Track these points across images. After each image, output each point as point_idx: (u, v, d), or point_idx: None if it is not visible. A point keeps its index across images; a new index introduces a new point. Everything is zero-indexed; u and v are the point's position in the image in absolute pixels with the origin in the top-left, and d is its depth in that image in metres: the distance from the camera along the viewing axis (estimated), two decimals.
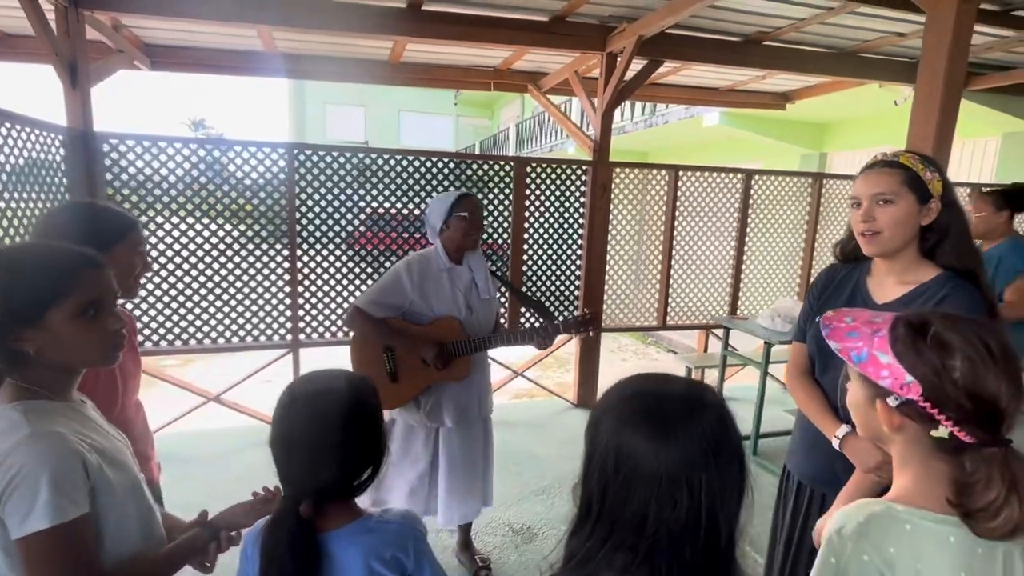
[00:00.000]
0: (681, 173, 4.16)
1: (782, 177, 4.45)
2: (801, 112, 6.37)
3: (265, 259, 3.40)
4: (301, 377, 0.98)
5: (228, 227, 3.32)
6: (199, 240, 3.26)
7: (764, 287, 4.57)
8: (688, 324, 4.40)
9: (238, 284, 3.36)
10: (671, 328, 4.35)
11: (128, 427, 1.37)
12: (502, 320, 3.93)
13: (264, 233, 3.40)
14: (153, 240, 3.19)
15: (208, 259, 3.29)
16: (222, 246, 3.31)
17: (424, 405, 2.03)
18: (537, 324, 2.08)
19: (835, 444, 1.32)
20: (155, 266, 3.20)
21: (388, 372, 2.01)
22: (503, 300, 3.97)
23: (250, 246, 3.36)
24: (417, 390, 2.00)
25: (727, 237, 4.39)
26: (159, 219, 3.22)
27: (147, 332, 3.25)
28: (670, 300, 4.32)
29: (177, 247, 3.23)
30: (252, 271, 3.38)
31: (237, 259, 3.34)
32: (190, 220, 3.25)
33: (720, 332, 4.46)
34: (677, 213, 4.20)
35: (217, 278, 3.32)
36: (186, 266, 3.26)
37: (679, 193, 4.18)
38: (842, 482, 1.33)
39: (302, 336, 3.52)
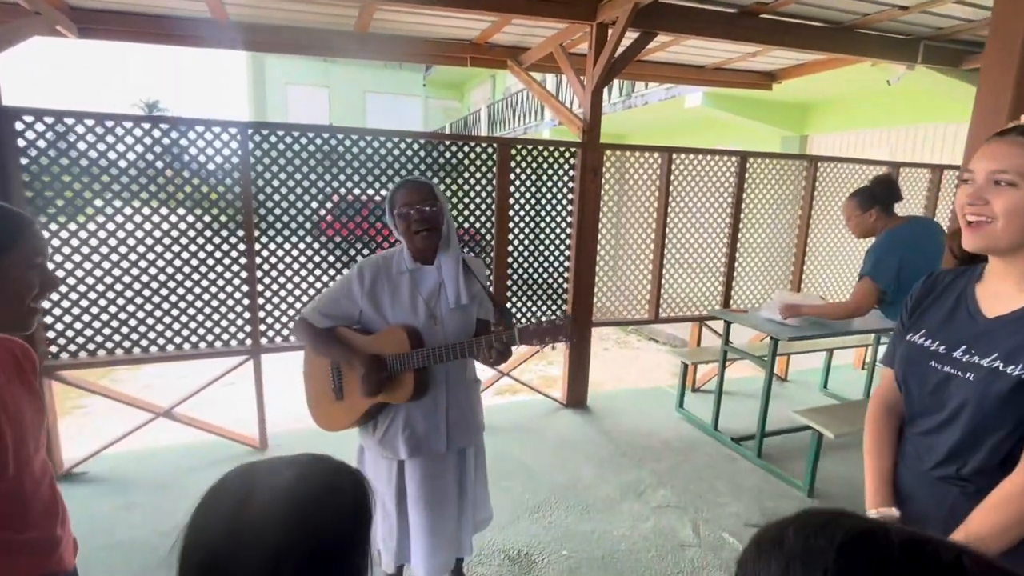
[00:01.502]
0: (675, 156, 3.89)
1: (776, 160, 4.23)
2: (784, 93, 6.18)
3: (219, 254, 2.98)
4: (231, 481, 0.62)
5: (174, 218, 2.89)
6: (139, 234, 2.83)
7: (758, 277, 4.37)
8: (682, 316, 4.17)
9: (187, 284, 2.94)
10: (664, 321, 4.12)
11: (27, 503, 0.98)
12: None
13: (216, 225, 2.98)
14: (83, 235, 2.74)
15: (152, 255, 2.86)
16: (167, 240, 2.88)
17: (379, 430, 1.71)
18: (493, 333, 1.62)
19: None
20: (87, 265, 2.76)
21: (334, 388, 1.75)
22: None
23: (200, 240, 2.94)
24: (362, 409, 1.69)
25: (720, 224, 4.16)
26: (89, 210, 2.77)
27: (81, 340, 2.82)
28: (662, 291, 4.07)
29: (113, 242, 2.79)
30: (204, 268, 2.96)
31: (186, 255, 2.92)
32: (127, 211, 2.81)
33: (712, 323, 4.29)
34: (669, 199, 3.94)
35: (163, 276, 2.89)
36: (125, 264, 2.82)
37: (672, 177, 3.92)
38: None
39: (264, 340, 3.13)
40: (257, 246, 3.05)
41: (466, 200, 3.48)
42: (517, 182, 3.57)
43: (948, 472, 1.04)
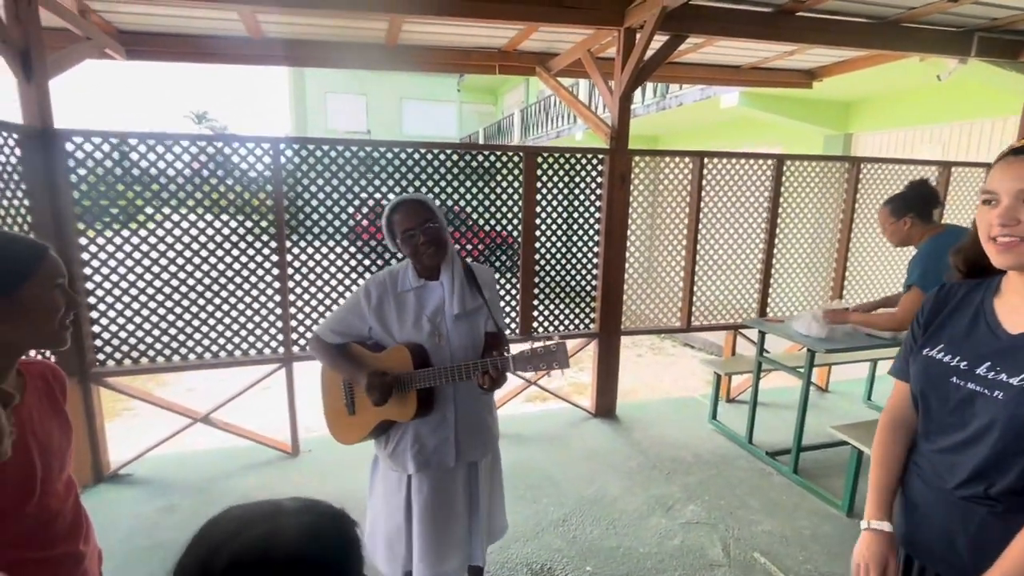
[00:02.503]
0: (707, 160, 3.79)
1: (815, 162, 4.06)
2: (826, 90, 5.94)
3: (252, 265, 3.08)
4: (212, 527, 0.61)
5: (211, 232, 2.99)
6: (179, 247, 2.94)
7: (796, 285, 4.22)
8: (715, 325, 4.06)
9: (223, 293, 3.05)
10: (696, 329, 4.02)
11: (51, 523, 1.02)
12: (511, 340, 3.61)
13: (250, 237, 3.08)
14: (128, 248, 2.88)
15: (190, 267, 2.97)
16: (204, 252, 2.99)
17: (388, 444, 1.74)
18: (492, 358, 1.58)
19: (861, 525, 1.16)
20: (131, 277, 2.89)
21: (346, 403, 1.78)
22: (514, 308, 3.64)
23: (235, 252, 3.04)
24: (372, 424, 1.72)
25: (756, 230, 4.03)
26: (133, 224, 2.91)
27: (125, 348, 2.96)
28: (695, 299, 3.97)
29: (155, 255, 2.92)
30: (239, 279, 3.06)
31: (222, 266, 3.02)
32: (168, 225, 2.94)
33: (747, 331, 4.16)
34: (702, 204, 3.85)
35: (200, 288, 3.01)
36: (166, 276, 2.94)
37: (704, 182, 3.82)
38: (965, 562, 1.02)
39: (296, 348, 3.22)
40: (289, 257, 3.14)
41: (493, 209, 3.48)
42: (544, 190, 3.55)
43: (974, 492, 1.00)
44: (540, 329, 3.73)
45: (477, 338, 1.72)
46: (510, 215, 3.53)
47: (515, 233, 3.56)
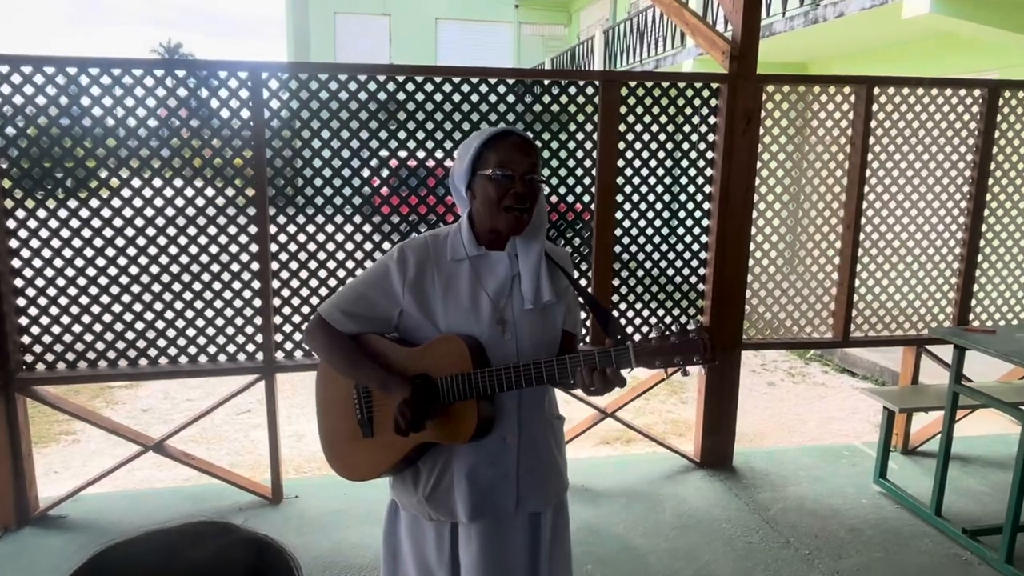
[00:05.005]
0: (878, 90, 3.65)
1: None
2: None
3: (224, 239, 3.21)
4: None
5: (169, 192, 3.14)
6: (128, 213, 3.11)
7: (1018, 279, 4.02)
8: (886, 338, 3.94)
9: (184, 278, 3.20)
10: (857, 343, 3.92)
11: None
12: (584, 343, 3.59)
13: (220, 201, 3.21)
14: (63, 213, 3.07)
15: (142, 241, 3.14)
16: (161, 221, 3.15)
17: (424, 483, 1.71)
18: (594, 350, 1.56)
19: None
20: (68, 252, 3.08)
21: (360, 421, 1.74)
22: (584, 307, 3.62)
23: (201, 220, 3.19)
24: (402, 451, 1.68)
25: (954, 194, 3.86)
26: (70, 182, 3.10)
27: (59, 348, 3.15)
28: (856, 298, 3.85)
29: (97, 223, 3.09)
30: (205, 257, 3.20)
31: (183, 240, 3.18)
32: (113, 183, 3.11)
33: (936, 348, 3.98)
34: (870, 156, 3.71)
35: (155, 269, 3.17)
36: (112, 251, 3.12)
37: (873, 124, 3.68)
38: None
39: (280, 355, 3.32)
40: (274, 229, 3.24)
41: (561, 168, 3.48)
42: (630, 136, 3.51)
43: None
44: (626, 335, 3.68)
45: (553, 335, 1.73)
46: (580, 172, 3.51)
47: (585, 198, 3.53)
